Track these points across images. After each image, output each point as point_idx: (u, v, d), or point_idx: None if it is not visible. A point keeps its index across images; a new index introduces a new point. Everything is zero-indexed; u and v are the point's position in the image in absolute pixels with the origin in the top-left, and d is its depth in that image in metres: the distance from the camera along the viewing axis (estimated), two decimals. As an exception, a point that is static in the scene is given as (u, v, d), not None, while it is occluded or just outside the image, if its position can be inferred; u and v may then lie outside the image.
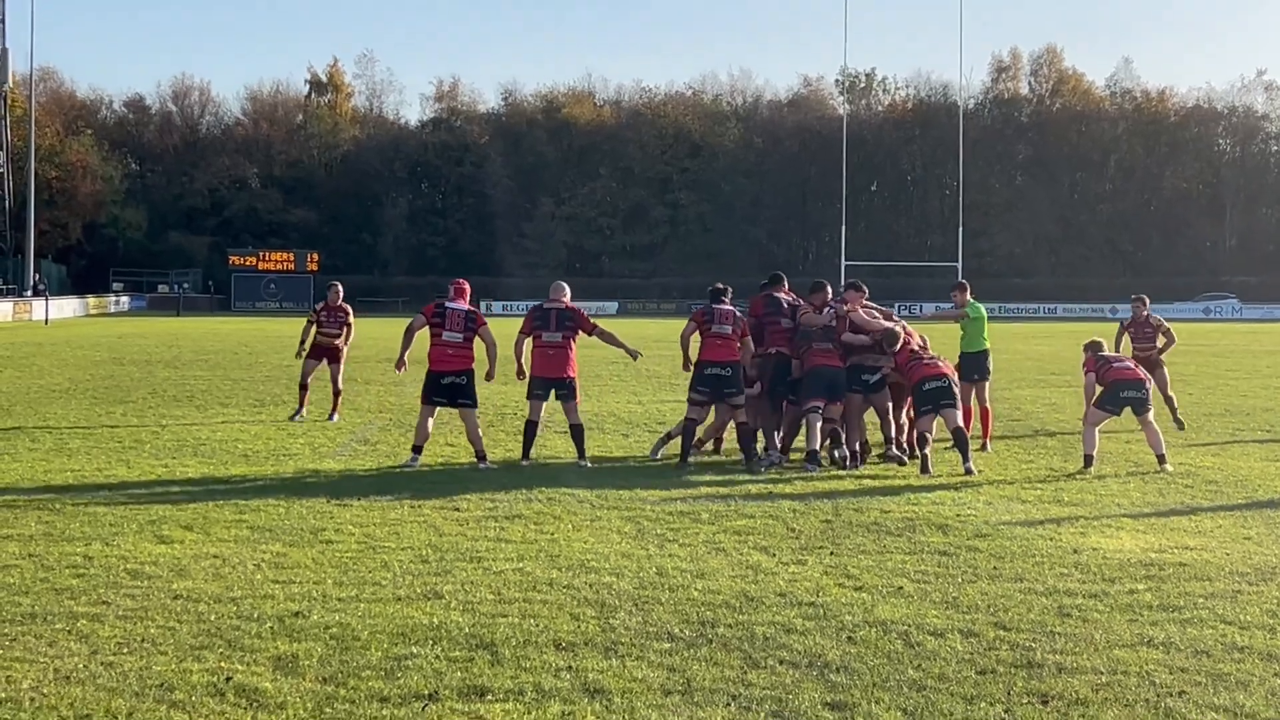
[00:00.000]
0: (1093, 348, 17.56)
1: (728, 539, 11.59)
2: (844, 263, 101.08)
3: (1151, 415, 16.86)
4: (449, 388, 16.33)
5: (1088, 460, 16.57)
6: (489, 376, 17.06)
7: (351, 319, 22.68)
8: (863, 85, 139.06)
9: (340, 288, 22.87)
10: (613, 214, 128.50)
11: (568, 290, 17.21)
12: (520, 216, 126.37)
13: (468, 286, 17.19)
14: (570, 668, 7.64)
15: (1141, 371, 17.37)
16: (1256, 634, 8.53)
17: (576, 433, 16.77)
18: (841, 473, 15.79)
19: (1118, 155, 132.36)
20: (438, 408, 16.47)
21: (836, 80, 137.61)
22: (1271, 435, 18.68)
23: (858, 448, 16.70)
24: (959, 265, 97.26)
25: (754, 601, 9.25)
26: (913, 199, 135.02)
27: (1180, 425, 20.70)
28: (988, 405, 18.93)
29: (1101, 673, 7.65)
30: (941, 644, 8.21)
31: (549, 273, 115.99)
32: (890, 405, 17.01)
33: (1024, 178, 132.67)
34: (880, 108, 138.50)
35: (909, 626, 8.59)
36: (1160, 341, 22.31)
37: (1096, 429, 16.93)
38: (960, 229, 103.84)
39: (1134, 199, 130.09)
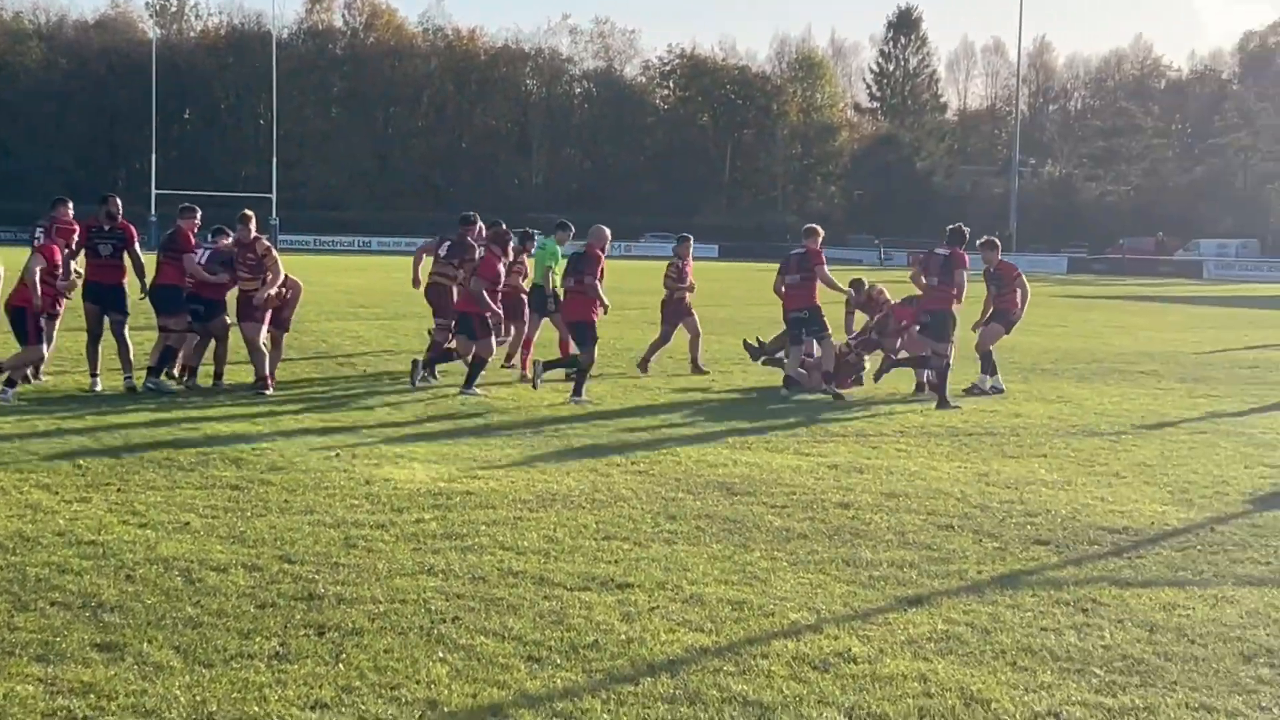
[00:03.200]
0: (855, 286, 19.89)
1: (8, 477, 11.03)
2: (155, 191, 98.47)
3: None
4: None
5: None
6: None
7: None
8: (174, 10, 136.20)
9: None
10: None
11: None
12: None
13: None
14: None
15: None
16: (531, 559, 8.88)
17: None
18: (150, 403, 15.42)
19: (430, 92, 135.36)
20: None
21: (146, 4, 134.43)
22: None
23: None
24: (273, 197, 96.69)
25: (30, 541, 8.85)
26: (226, 128, 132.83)
27: None
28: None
29: (380, 602, 7.76)
30: (224, 579, 8.11)
31: None
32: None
33: (339, 110, 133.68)
34: (193, 34, 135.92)
35: (191, 562, 8.44)
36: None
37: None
38: (274, 160, 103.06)
39: (446, 135, 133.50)
